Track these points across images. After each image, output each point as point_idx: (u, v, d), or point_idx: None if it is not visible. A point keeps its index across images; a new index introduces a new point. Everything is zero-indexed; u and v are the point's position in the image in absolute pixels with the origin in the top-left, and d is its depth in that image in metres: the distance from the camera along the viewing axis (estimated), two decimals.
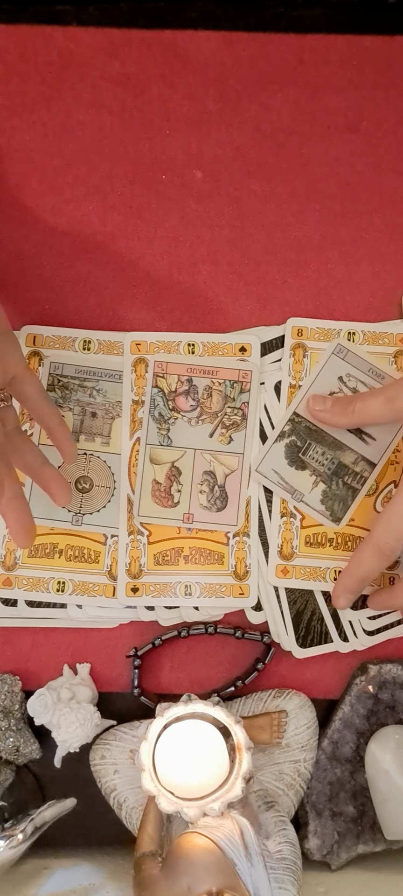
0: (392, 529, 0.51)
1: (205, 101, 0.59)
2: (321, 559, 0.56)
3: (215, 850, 0.48)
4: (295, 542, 0.56)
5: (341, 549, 0.56)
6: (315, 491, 0.55)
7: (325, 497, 0.55)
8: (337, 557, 0.56)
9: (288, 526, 0.56)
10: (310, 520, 0.56)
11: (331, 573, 0.56)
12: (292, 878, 0.49)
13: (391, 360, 0.57)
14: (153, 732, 0.52)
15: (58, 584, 0.56)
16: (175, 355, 0.58)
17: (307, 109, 0.59)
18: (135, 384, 0.58)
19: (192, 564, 0.57)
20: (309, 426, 0.56)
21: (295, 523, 0.56)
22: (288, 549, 0.56)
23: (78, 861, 0.56)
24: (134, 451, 0.57)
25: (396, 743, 0.56)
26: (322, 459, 0.55)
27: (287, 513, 0.56)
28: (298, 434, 0.56)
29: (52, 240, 0.59)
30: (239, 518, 0.57)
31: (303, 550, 0.56)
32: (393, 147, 0.59)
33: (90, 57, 0.58)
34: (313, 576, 0.56)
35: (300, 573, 0.56)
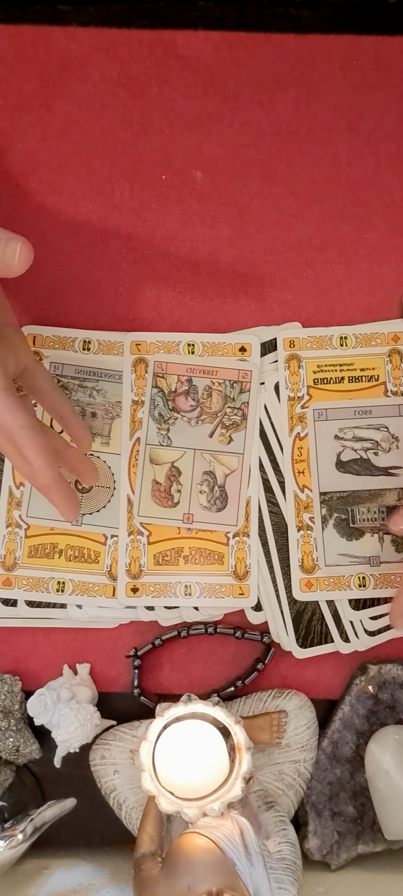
0: None
1: (205, 101, 0.59)
2: (343, 567, 0.56)
3: (215, 850, 0.48)
4: (315, 553, 0.56)
5: None
6: (386, 546, 0.55)
7: (397, 546, 0.55)
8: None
9: (307, 539, 0.56)
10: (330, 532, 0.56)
11: (355, 580, 0.56)
12: (292, 878, 0.49)
13: (385, 359, 0.57)
14: (153, 732, 0.52)
15: (58, 584, 0.56)
16: (175, 355, 0.58)
17: (307, 109, 0.59)
18: (134, 384, 0.58)
19: (192, 564, 0.57)
20: (341, 495, 0.56)
21: (312, 535, 0.56)
22: (309, 562, 0.56)
23: (78, 861, 0.56)
24: (134, 451, 0.57)
25: (396, 743, 0.56)
26: (371, 516, 0.55)
27: (303, 526, 0.56)
28: (336, 509, 0.56)
29: (52, 240, 0.59)
30: (239, 518, 0.57)
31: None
32: (393, 147, 0.59)
33: (90, 57, 0.58)
34: (338, 585, 0.56)
35: (324, 584, 0.56)
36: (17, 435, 0.46)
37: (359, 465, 0.56)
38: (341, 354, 0.57)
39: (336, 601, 0.57)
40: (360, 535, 0.55)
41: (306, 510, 0.56)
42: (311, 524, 0.56)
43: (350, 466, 0.56)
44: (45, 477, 0.47)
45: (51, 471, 0.47)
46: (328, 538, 0.55)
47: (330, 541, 0.55)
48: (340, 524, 0.55)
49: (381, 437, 0.56)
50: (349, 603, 0.57)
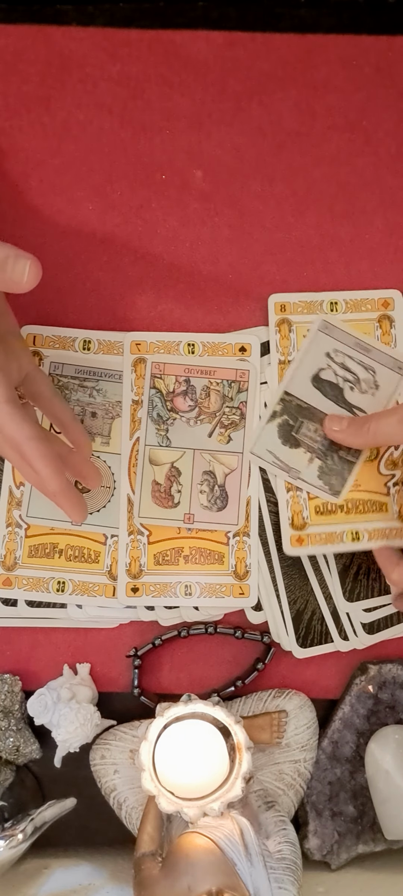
0: None
1: (205, 101, 0.59)
2: (335, 525, 0.56)
3: (215, 850, 0.48)
4: (305, 512, 0.56)
5: (353, 513, 0.56)
6: (311, 467, 0.55)
7: (322, 473, 0.55)
8: (352, 521, 0.56)
9: (296, 499, 0.56)
10: None
11: (348, 535, 0.56)
12: (292, 878, 0.49)
13: (375, 325, 0.58)
14: (153, 732, 0.52)
15: (58, 584, 0.56)
16: (172, 356, 0.58)
17: (307, 109, 0.59)
18: (134, 384, 0.58)
19: (192, 564, 0.57)
20: (300, 404, 0.56)
21: (302, 496, 0.56)
22: (299, 520, 0.56)
23: (78, 861, 0.56)
24: (134, 450, 0.57)
25: (396, 743, 0.56)
26: (315, 436, 0.55)
27: (292, 487, 0.56)
28: (289, 413, 0.56)
29: (52, 240, 0.59)
30: (240, 518, 0.57)
31: (315, 519, 0.56)
32: (393, 147, 0.59)
33: (90, 57, 0.58)
34: (329, 540, 0.56)
35: (316, 539, 0.56)
36: (24, 446, 0.47)
37: (331, 389, 0.56)
38: (331, 319, 0.57)
39: (332, 592, 0.57)
40: (296, 445, 0.56)
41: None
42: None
43: (323, 385, 0.56)
44: (52, 485, 0.48)
45: (58, 478, 0.48)
46: (267, 431, 0.56)
47: (268, 434, 0.56)
48: (284, 426, 0.56)
49: (364, 378, 0.56)
50: (343, 594, 0.57)
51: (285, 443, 0.55)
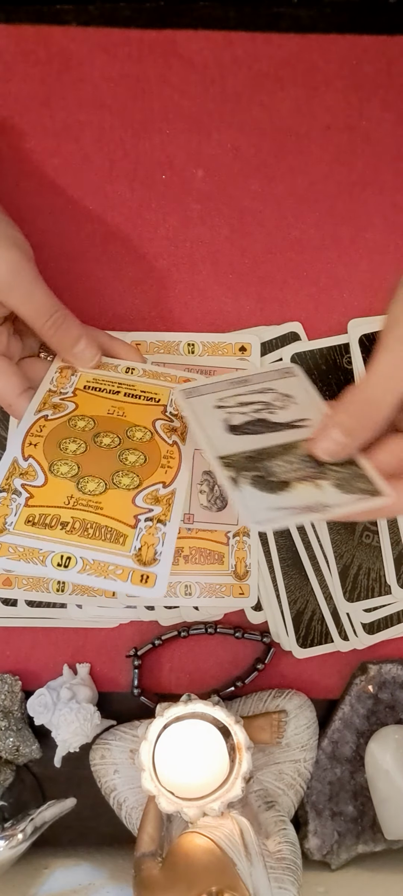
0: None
1: (205, 101, 0.59)
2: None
3: (215, 850, 0.48)
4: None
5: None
6: (328, 491, 0.43)
7: (341, 486, 0.43)
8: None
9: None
10: None
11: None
12: (292, 878, 0.49)
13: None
14: (153, 732, 0.52)
15: (58, 583, 0.56)
16: (172, 356, 0.58)
17: (307, 109, 0.59)
18: None
19: (192, 564, 0.57)
20: (245, 455, 0.45)
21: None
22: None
23: (78, 861, 0.57)
24: None
25: (396, 743, 0.56)
26: (295, 468, 0.44)
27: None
28: (244, 468, 0.44)
29: (51, 240, 0.59)
30: (240, 518, 0.57)
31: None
32: (393, 147, 0.59)
33: (90, 57, 0.58)
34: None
35: None
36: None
37: (256, 425, 0.47)
38: (186, 386, 0.52)
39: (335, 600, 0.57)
40: (286, 486, 0.43)
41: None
42: (64, 451, 0.47)
43: (245, 428, 0.46)
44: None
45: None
46: (246, 497, 0.43)
47: (250, 500, 0.43)
48: (258, 481, 0.43)
49: (271, 398, 0.48)
50: (343, 594, 0.57)
51: (273, 491, 0.43)
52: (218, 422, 0.48)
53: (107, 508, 0.45)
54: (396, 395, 0.41)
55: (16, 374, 0.50)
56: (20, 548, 0.44)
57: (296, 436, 0.46)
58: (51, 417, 0.49)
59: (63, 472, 0.46)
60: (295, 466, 0.45)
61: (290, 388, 0.50)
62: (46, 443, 0.48)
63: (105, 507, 0.45)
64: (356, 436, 0.43)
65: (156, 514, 0.45)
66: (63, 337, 0.50)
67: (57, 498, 0.45)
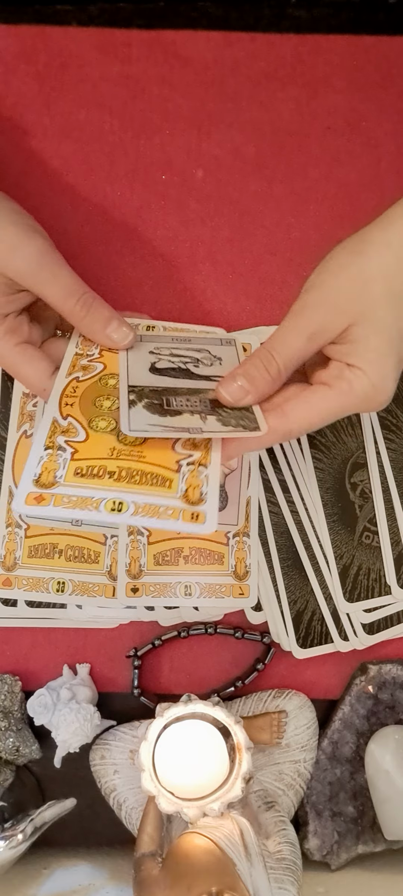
0: (310, 423, 0.46)
1: (205, 101, 0.59)
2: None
3: (215, 850, 0.48)
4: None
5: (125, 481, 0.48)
6: (209, 422, 0.46)
7: (224, 422, 0.46)
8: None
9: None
10: None
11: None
12: (292, 879, 0.49)
13: None
14: (153, 733, 0.52)
15: (58, 584, 0.56)
16: None
17: (307, 109, 0.59)
18: None
19: (192, 564, 0.57)
20: (155, 388, 0.48)
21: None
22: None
23: (78, 861, 0.57)
24: None
25: (396, 743, 0.56)
26: (190, 403, 0.47)
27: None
28: (148, 396, 0.47)
29: (51, 240, 0.59)
30: (240, 518, 0.57)
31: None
32: (393, 147, 0.59)
33: (90, 57, 0.58)
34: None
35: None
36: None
37: (177, 372, 0.50)
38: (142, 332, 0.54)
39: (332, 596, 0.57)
40: (177, 413, 0.46)
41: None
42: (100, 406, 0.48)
43: (166, 372, 0.50)
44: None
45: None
46: (135, 413, 0.46)
47: (137, 415, 0.46)
48: (150, 405, 0.47)
49: (202, 356, 0.52)
50: (343, 595, 0.57)
51: (164, 415, 0.46)
52: (145, 362, 0.50)
53: (150, 456, 0.45)
54: (297, 354, 0.46)
55: (43, 359, 0.50)
56: (74, 497, 0.45)
57: (207, 386, 0.49)
58: (82, 379, 0.49)
59: (102, 426, 0.47)
60: (192, 403, 0.47)
61: (223, 353, 0.52)
62: (81, 402, 0.48)
63: (147, 456, 0.45)
64: (257, 385, 0.46)
65: (197, 458, 0.45)
66: (94, 318, 0.49)
67: (100, 450, 0.46)
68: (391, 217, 0.46)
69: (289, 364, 0.46)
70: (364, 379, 0.44)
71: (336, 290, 0.45)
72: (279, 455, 0.57)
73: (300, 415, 0.46)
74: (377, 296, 0.44)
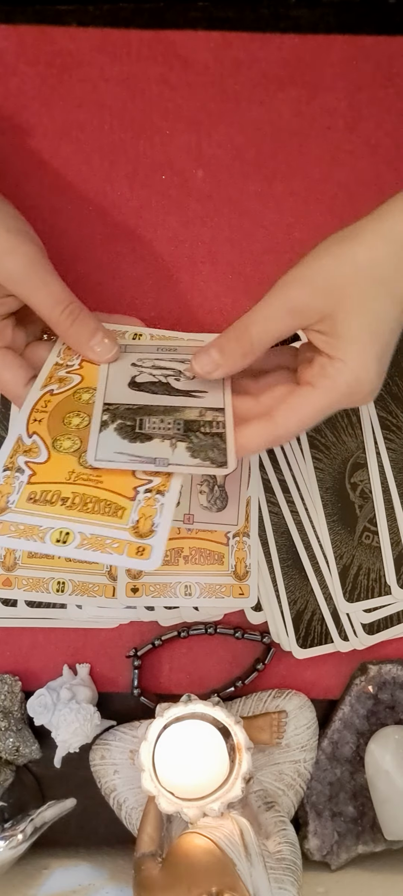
0: (298, 426, 0.46)
1: (205, 101, 0.59)
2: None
3: (215, 850, 0.48)
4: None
5: None
6: (177, 452, 0.45)
7: (193, 452, 0.45)
8: None
9: None
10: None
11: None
12: (292, 879, 0.49)
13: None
14: (153, 733, 0.52)
15: (58, 584, 0.56)
16: None
17: (307, 109, 0.59)
18: None
19: (192, 565, 0.57)
20: (130, 407, 0.47)
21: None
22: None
23: (78, 861, 0.57)
24: None
25: (396, 743, 0.56)
26: (163, 425, 0.46)
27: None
28: (122, 417, 0.47)
29: (51, 240, 0.58)
30: (240, 518, 0.57)
31: None
32: (393, 147, 0.59)
33: (90, 57, 0.58)
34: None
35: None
36: None
37: (156, 387, 0.49)
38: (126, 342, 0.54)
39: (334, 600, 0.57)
40: (147, 439, 0.46)
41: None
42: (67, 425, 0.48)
43: (145, 387, 0.49)
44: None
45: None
46: (105, 437, 0.45)
47: (107, 440, 0.45)
48: (122, 428, 0.46)
49: (185, 367, 0.50)
50: (343, 595, 0.57)
51: (133, 441, 0.46)
52: (126, 376, 0.49)
53: (107, 482, 0.44)
54: (273, 329, 0.45)
55: (21, 367, 0.49)
56: (21, 525, 0.44)
57: (187, 403, 0.48)
58: (56, 392, 0.49)
59: (66, 447, 0.46)
60: (165, 425, 0.46)
61: None
62: (51, 418, 0.47)
63: (105, 481, 0.44)
64: (228, 358, 0.46)
65: (156, 485, 0.44)
66: (80, 329, 0.48)
67: (59, 474, 0.45)
68: (385, 209, 0.45)
69: (264, 338, 0.46)
70: (347, 372, 0.44)
71: (320, 270, 0.45)
72: (279, 455, 0.57)
73: (288, 419, 0.45)
74: (361, 283, 0.44)
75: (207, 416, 0.47)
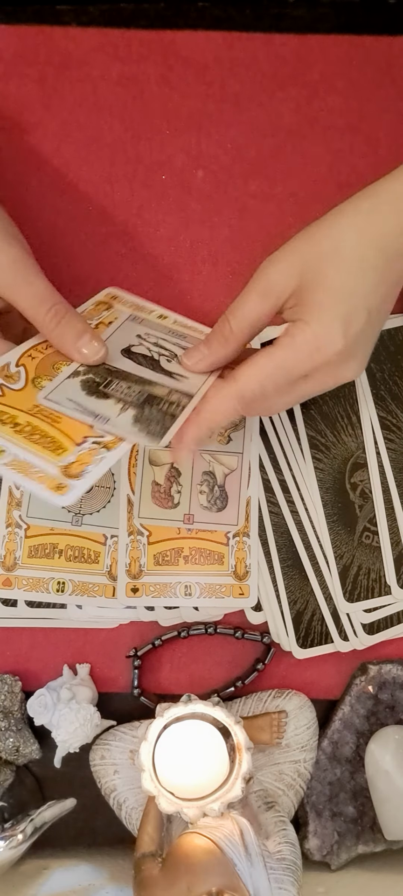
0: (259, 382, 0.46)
1: (205, 101, 0.59)
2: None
3: (215, 850, 0.48)
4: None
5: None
6: (123, 416, 0.46)
7: (136, 420, 0.46)
8: None
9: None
10: None
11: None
12: (292, 879, 0.49)
13: None
14: (153, 733, 0.52)
15: (58, 584, 0.56)
16: None
17: (307, 109, 0.59)
18: None
19: (192, 565, 0.57)
20: (110, 368, 0.48)
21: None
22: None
23: (78, 861, 0.57)
24: (133, 451, 0.57)
25: (396, 743, 0.56)
26: (128, 391, 0.47)
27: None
28: (96, 373, 0.48)
29: (51, 240, 0.59)
30: (240, 518, 0.57)
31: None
32: (393, 147, 0.59)
33: (90, 57, 0.58)
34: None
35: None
36: None
37: (145, 360, 0.50)
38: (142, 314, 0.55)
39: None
40: (103, 397, 0.46)
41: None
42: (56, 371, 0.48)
43: (135, 357, 0.50)
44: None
45: None
46: (68, 384, 0.47)
47: (68, 386, 0.47)
48: (89, 383, 0.47)
49: (182, 353, 0.51)
50: (343, 595, 0.57)
51: (90, 394, 0.46)
52: (125, 342, 0.50)
53: (64, 424, 0.45)
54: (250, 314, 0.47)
55: None
56: None
57: (162, 381, 0.49)
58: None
59: (42, 385, 0.47)
60: (129, 392, 0.47)
61: None
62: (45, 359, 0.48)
63: (61, 422, 0.45)
64: (212, 348, 0.48)
65: (105, 441, 0.44)
66: (65, 329, 0.48)
67: (24, 403, 0.46)
68: (365, 191, 0.46)
69: (243, 324, 0.47)
70: (307, 329, 0.44)
71: (294, 251, 0.46)
72: (279, 455, 0.57)
73: (249, 377, 0.46)
74: (334, 259, 0.45)
75: (173, 396, 0.48)
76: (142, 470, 0.57)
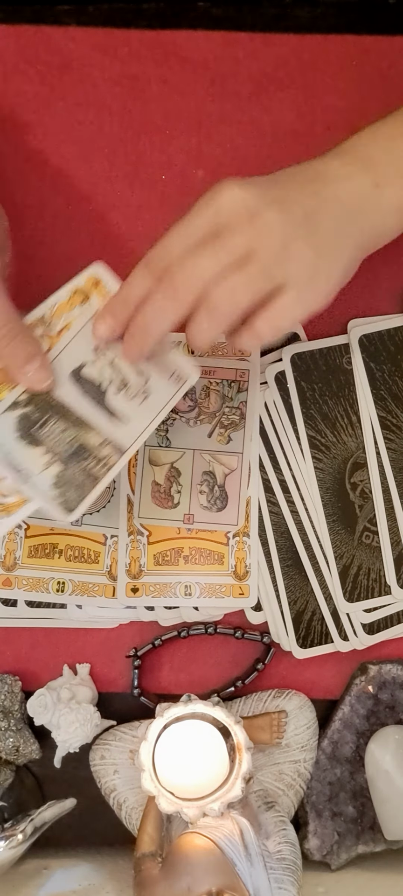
0: (167, 248, 0.46)
1: (205, 101, 0.59)
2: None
3: (215, 850, 0.48)
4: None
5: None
6: (46, 473, 0.45)
7: (58, 482, 0.45)
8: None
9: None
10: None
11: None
12: (292, 879, 0.49)
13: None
14: (153, 733, 0.52)
15: (58, 584, 0.56)
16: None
17: (307, 109, 0.59)
18: None
19: (192, 565, 0.57)
20: (50, 401, 0.47)
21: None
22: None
23: (78, 861, 0.57)
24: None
25: (396, 743, 0.56)
26: (61, 437, 0.46)
27: None
28: (37, 405, 0.46)
29: (51, 240, 0.59)
30: (240, 518, 0.57)
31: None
32: None
33: (90, 57, 0.58)
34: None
35: None
36: None
37: (92, 390, 0.48)
38: None
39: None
40: (34, 444, 0.46)
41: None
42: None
43: (84, 383, 0.48)
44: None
45: None
46: (2, 421, 0.46)
47: (2, 425, 0.46)
48: (24, 420, 0.46)
49: (134, 382, 0.48)
50: (343, 595, 0.57)
51: (22, 438, 0.45)
52: (77, 361, 0.48)
53: None
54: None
55: None
56: None
57: (100, 424, 0.47)
58: None
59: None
60: (61, 440, 0.46)
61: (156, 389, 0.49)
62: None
63: None
64: (163, 305, 0.46)
65: (7, 504, 0.45)
66: (15, 350, 0.46)
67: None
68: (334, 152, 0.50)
69: (194, 281, 0.46)
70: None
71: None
72: (279, 455, 0.57)
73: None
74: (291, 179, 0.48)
75: (104, 450, 0.47)
76: (142, 470, 0.57)
